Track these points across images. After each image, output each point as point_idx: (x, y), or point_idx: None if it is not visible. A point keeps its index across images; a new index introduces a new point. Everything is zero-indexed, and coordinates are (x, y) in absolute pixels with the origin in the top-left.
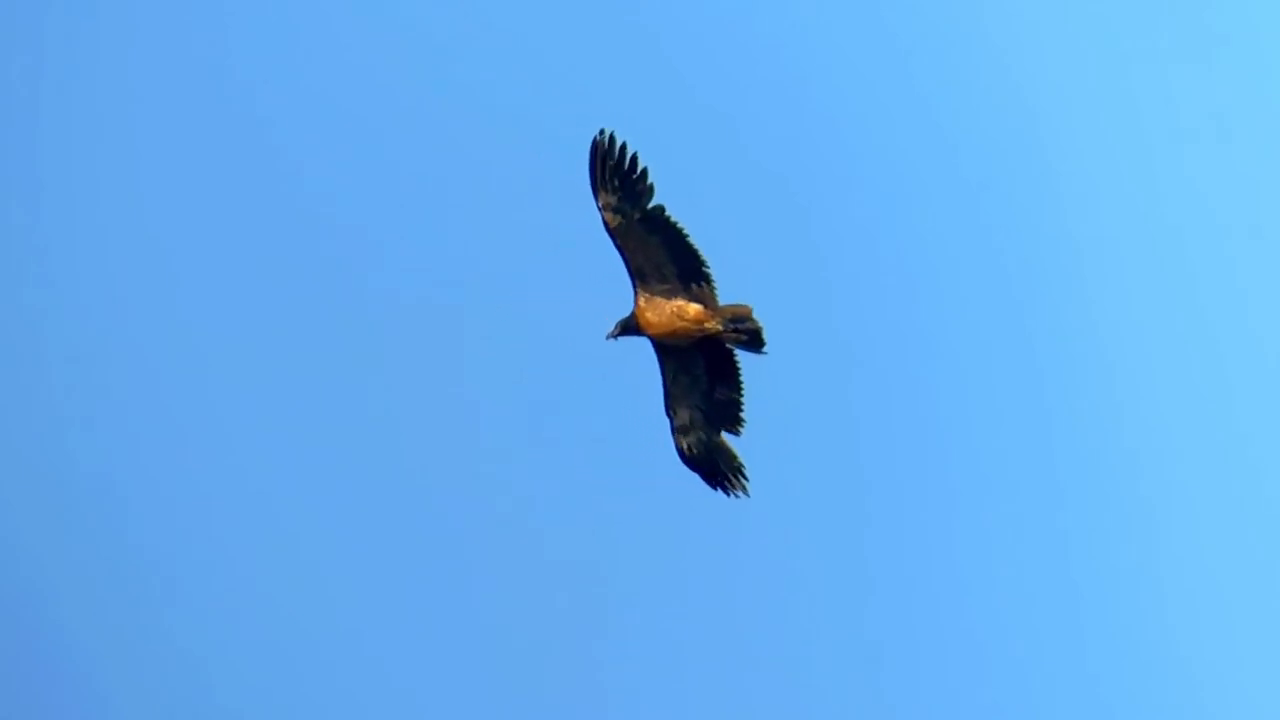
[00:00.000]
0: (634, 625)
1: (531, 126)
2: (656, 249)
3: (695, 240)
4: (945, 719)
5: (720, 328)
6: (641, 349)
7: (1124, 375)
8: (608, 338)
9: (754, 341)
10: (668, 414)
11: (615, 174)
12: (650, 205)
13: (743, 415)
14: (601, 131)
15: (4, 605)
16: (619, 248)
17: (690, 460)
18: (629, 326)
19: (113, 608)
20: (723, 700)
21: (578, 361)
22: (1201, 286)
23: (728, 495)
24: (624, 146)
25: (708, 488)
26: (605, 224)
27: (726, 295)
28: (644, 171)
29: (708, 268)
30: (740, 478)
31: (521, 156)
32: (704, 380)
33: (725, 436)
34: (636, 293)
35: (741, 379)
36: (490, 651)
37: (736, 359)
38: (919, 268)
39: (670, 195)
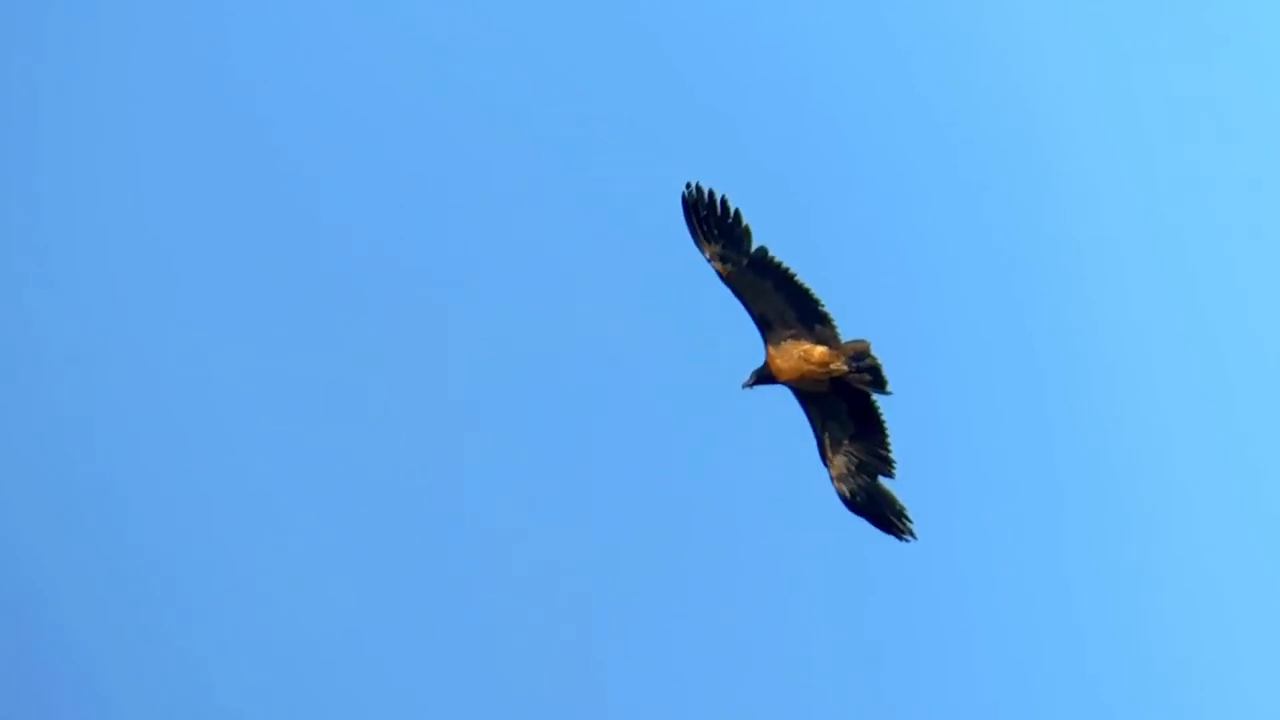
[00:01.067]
0: (634, 625)
1: (533, 127)
2: (771, 294)
3: (805, 279)
4: (945, 719)
5: (845, 368)
6: (639, 343)
7: (1124, 376)
8: (743, 387)
9: (877, 381)
10: (824, 463)
11: (713, 224)
12: (754, 248)
13: (893, 458)
14: (688, 185)
15: (4, 605)
16: (738, 297)
17: (856, 508)
18: (763, 376)
19: (113, 608)
20: (723, 700)
21: (578, 362)
22: (1201, 286)
23: (899, 539)
24: (712, 193)
25: (877, 530)
26: (719, 275)
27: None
28: (738, 214)
29: (824, 306)
30: (905, 520)
31: (522, 157)
32: (851, 426)
33: (882, 480)
34: (766, 342)
35: (884, 419)
36: (490, 651)
37: (875, 401)
38: (918, 267)
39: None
